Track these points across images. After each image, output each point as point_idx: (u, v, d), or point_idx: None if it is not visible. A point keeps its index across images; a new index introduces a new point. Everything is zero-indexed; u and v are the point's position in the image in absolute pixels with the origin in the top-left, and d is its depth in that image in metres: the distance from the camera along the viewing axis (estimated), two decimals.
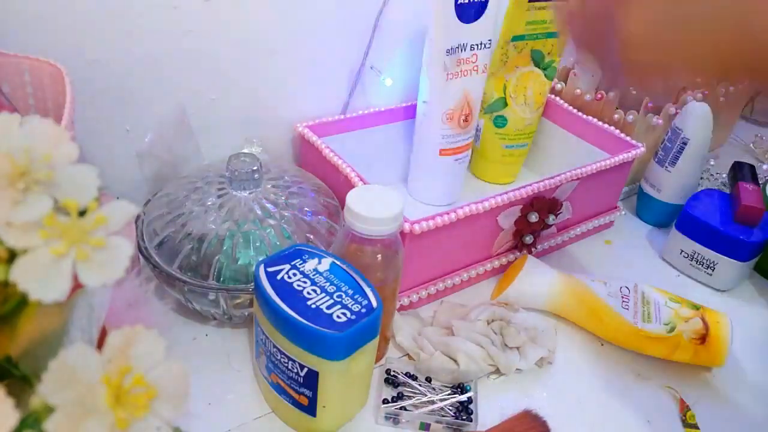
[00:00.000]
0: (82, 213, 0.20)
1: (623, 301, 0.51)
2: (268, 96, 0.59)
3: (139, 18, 0.49)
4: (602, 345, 0.52)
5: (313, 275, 0.39)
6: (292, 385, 0.39)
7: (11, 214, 0.19)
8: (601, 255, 0.64)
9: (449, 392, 0.45)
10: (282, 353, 0.38)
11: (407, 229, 0.47)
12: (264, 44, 0.56)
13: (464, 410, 0.43)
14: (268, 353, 0.40)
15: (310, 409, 0.40)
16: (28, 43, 0.44)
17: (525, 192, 0.53)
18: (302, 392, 0.39)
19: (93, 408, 0.19)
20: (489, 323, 0.50)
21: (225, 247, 0.45)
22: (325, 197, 0.52)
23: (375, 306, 0.37)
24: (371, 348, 0.39)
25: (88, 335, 0.25)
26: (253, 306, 0.41)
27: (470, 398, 0.44)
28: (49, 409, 0.18)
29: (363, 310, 0.37)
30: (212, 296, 0.45)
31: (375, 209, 0.40)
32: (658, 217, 0.69)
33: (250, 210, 0.46)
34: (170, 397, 0.21)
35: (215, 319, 0.49)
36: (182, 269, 0.44)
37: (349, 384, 0.40)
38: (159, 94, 0.53)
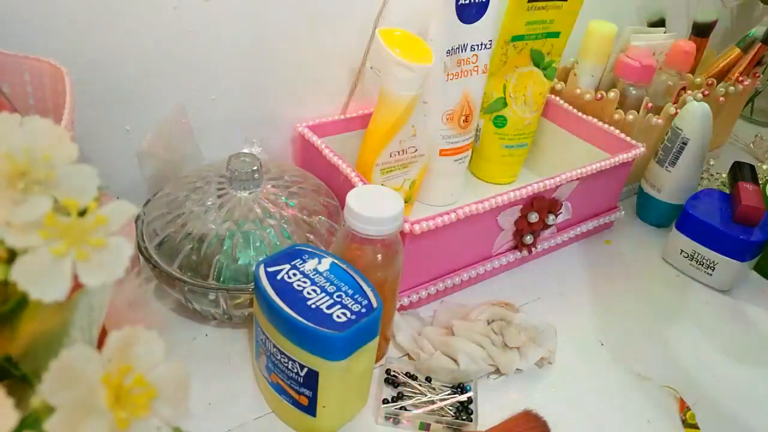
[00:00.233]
0: (82, 213, 0.20)
1: None
2: (268, 96, 0.59)
3: (139, 18, 0.49)
4: (602, 345, 0.52)
5: (313, 275, 0.39)
6: (292, 385, 0.39)
7: (11, 214, 0.19)
8: (601, 255, 0.64)
9: (449, 392, 0.45)
10: (282, 353, 0.38)
11: (407, 229, 0.47)
12: (264, 44, 0.56)
13: (464, 410, 0.43)
14: (268, 353, 0.40)
15: (310, 409, 0.40)
16: (28, 43, 0.44)
17: (525, 192, 0.53)
18: (302, 392, 0.39)
19: (93, 408, 0.19)
20: (489, 323, 0.50)
21: (225, 247, 0.45)
22: (325, 197, 0.52)
23: (375, 306, 0.37)
24: (371, 348, 0.39)
25: (88, 335, 0.25)
26: (253, 306, 0.41)
27: (470, 398, 0.44)
28: (49, 409, 0.18)
29: (363, 310, 0.37)
30: (212, 296, 0.45)
31: (375, 209, 0.40)
32: (658, 217, 0.69)
33: (250, 210, 0.46)
34: (170, 397, 0.21)
35: (215, 319, 0.49)
36: (182, 269, 0.44)
37: (349, 384, 0.40)
38: (159, 94, 0.53)
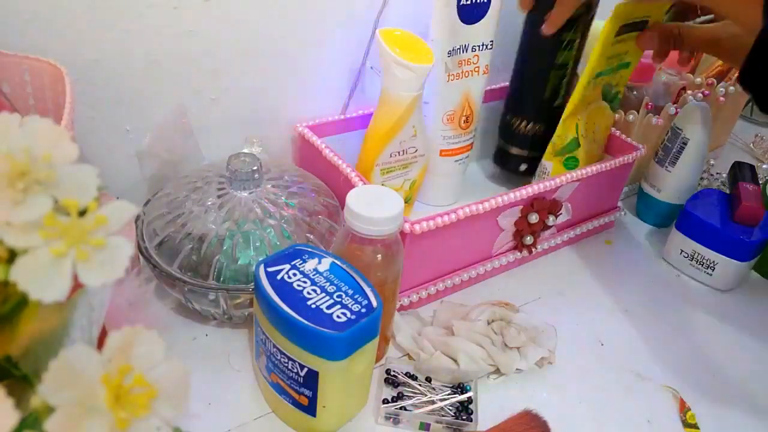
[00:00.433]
0: (82, 213, 0.20)
1: None
2: (268, 96, 0.59)
3: (139, 18, 0.49)
4: (602, 345, 0.52)
5: (313, 275, 0.39)
6: (292, 385, 0.39)
7: (11, 214, 0.19)
8: (602, 255, 0.64)
9: (449, 392, 0.45)
10: (282, 353, 0.38)
11: (407, 229, 0.47)
12: (264, 44, 0.56)
13: (464, 410, 0.43)
14: (268, 353, 0.40)
15: (310, 409, 0.40)
16: (28, 43, 0.44)
17: (525, 193, 0.53)
18: (302, 392, 0.39)
19: (93, 408, 0.19)
20: (489, 323, 0.50)
21: (225, 247, 0.45)
22: (325, 197, 0.52)
23: (375, 306, 0.37)
24: (371, 348, 0.39)
25: (88, 335, 0.25)
26: (253, 306, 0.41)
27: (470, 398, 0.44)
28: (49, 409, 0.18)
29: (363, 310, 0.37)
30: (212, 296, 0.45)
31: (375, 209, 0.40)
32: (658, 217, 0.69)
33: (250, 210, 0.46)
34: (170, 397, 0.21)
35: (215, 319, 0.49)
36: (182, 269, 0.44)
37: (349, 384, 0.40)
38: (159, 94, 0.53)
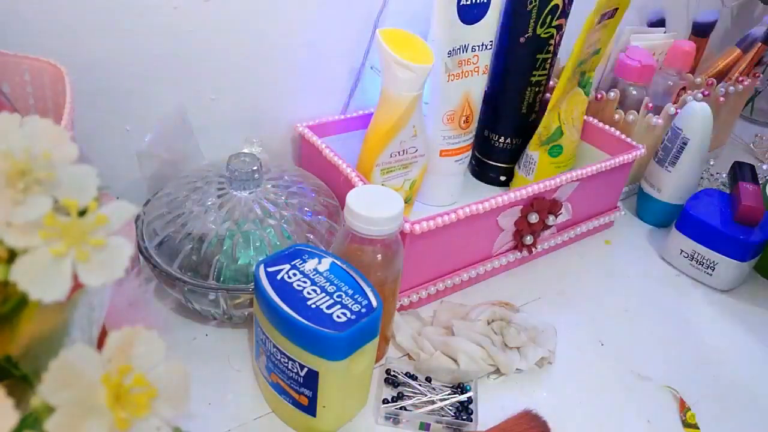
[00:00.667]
0: (82, 213, 0.20)
1: None
2: (268, 96, 0.59)
3: (139, 18, 0.49)
4: (602, 345, 0.52)
5: (313, 275, 0.39)
6: (292, 385, 0.39)
7: (11, 214, 0.19)
8: (601, 255, 0.64)
9: (449, 392, 0.45)
10: (282, 353, 0.38)
11: (407, 229, 0.47)
12: (264, 44, 0.56)
13: (464, 410, 0.43)
14: (268, 353, 0.40)
15: (310, 409, 0.40)
16: (28, 43, 0.44)
17: (525, 192, 0.53)
18: (302, 392, 0.39)
19: (93, 408, 0.19)
20: (489, 323, 0.50)
21: (225, 247, 0.45)
22: (325, 197, 0.52)
23: (375, 306, 0.37)
24: (371, 348, 0.39)
25: (88, 335, 0.25)
26: (253, 306, 0.41)
27: (470, 398, 0.44)
28: (49, 409, 0.18)
29: (363, 310, 0.37)
30: (212, 296, 0.45)
31: (375, 209, 0.40)
32: (658, 217, 0.69)
33: (250, 210, 0.46)
34: (170, 397, 0.21)
35: (215, 319, 0.49)
36: (182, 269, 0.44)
37: (349, 384, 0.40)
38: (159, 94, 0.53)
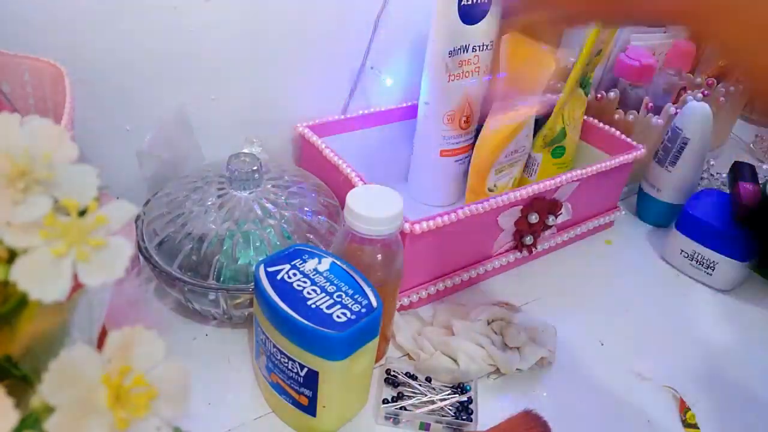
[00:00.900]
0: (82, 213, 0.20)
1: None
2: (268, 96, 0.59)
3: (139, 18, 0.49)
4: (602, 345, 0.52)
5: (313, 275, 0.39)
6: (292, 385, 0.39)
7: (11, 214, 0.19)
8: (601, 255, 0.64)
9: (449, 392, 0.45)
10: (282, 353, 0.38)
11: (407, 229, 0.47)
12: (264, 44, 0.56)
13: (464, 410, 0.43)
14: (268, 353, 0.40)
15: (310, 409, 0.40)
16: (28, 43, 0.44)
17: (525, 193, 0.53)
18: (302, 392, 0.39)
19: (93, 408, 0.19)
20: (489, 323, 0.50)
21: (225, 247, 0.45)
22: (325, 197, 0.52)
23: (375, 306, 0.37)
24: (371, 348, 0.39)
25: (88, 335, 0.25)
26: (253, 306, 0.41)
27: (470, 398, 0.44)
28: (49, 409, 0.18)
29: (363, 310, 0.37)
30: (212, 296, 0.45)
31: (375, 209, 0.40)
32: (658, 217, 0.69)
33: (250, 210, 0.46)
34: (170, 397, 0.21)
35: (215, 319, 0.49)
36: (182, 269, 0.44)
37: (349, 384, 0.40)
38: (159, 94, 0.53)
